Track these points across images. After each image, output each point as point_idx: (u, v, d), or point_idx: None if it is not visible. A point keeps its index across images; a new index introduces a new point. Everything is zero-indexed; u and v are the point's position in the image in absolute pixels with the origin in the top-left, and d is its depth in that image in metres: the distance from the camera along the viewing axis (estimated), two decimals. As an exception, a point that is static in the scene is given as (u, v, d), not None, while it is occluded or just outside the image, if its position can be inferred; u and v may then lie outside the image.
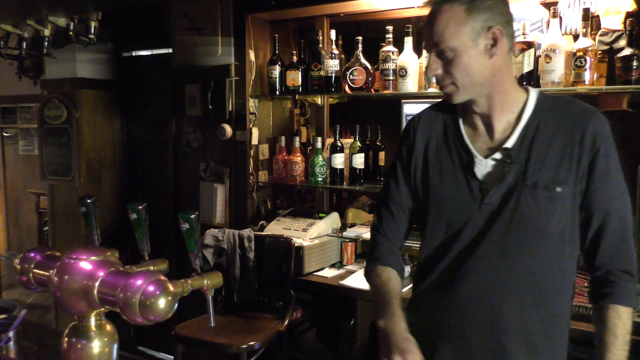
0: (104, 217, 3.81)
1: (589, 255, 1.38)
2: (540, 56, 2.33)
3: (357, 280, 2.59)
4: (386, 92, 2.74)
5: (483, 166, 1.38)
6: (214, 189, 3.30)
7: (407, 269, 2.66)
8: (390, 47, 2.71)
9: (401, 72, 2.66)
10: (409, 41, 2.67)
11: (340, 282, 2.57)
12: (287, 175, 3.05)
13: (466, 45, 1.30)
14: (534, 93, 1.40)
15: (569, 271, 1.40)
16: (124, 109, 4.27)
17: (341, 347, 2.70)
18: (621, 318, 1.31)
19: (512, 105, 1.38)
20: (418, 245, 2.65)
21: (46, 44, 2.31)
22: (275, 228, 2.94)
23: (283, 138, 3.13)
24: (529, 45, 2.34)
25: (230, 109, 3.21)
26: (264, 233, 2.90)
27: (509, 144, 1.36)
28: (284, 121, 3.45)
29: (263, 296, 2.81)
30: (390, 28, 2.71)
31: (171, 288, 1.07)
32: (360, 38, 2.79)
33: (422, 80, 2.65)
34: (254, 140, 3.21)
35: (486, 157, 1.39)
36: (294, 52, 3.06)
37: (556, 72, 2.28)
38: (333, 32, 2.89)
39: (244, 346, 2.49)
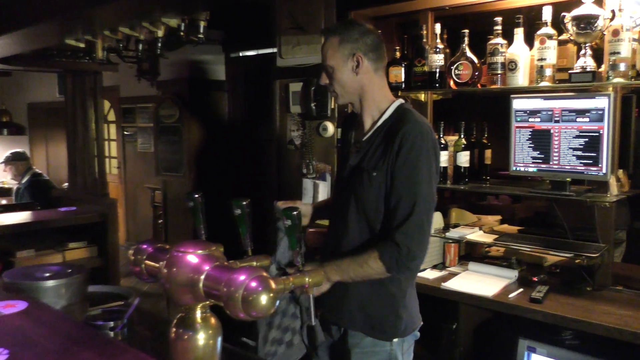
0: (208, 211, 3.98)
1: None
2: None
3: (460, 283, 2.49)
4: (494, 86, 2.61)
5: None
6: (315, 186, 3.33)
7: (515, 273, 2.52)
8: (499, 40, 2.57)
9: (510, 66, 2.52)
10: (519, 32, 2.52)
11: (443, 284, 2.48)
12: (389, 173, 3.00)
13: (339, 65, 1.78)
14: (395, 104, 1.83)
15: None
16: (231, 107, 4.44)
17: (442, 351, 2.62)
18: None
19: (375, 110, 1.83)
20: (526, 249, 2.52)
21: (159, 45, 2.44)
22: (375, 227, 2.89)
23: (385, 135, 3.08)
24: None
25: (332, 107, 3.22)
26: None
27: (364, 138, 1.83)
28: (386, 118, 3.39)
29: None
30: (499, 19, 2.58)
31: (273, 285, 1.07)
32: (466, 31, 2.68)
33: (533, 74, 2.49)
34: (356, 138, 3.19)
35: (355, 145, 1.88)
36: (397, 47, 3.01)
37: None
38: (438, 26, 2.79)
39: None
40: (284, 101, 3.55)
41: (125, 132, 7.05)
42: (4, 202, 5.78)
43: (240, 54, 4.35)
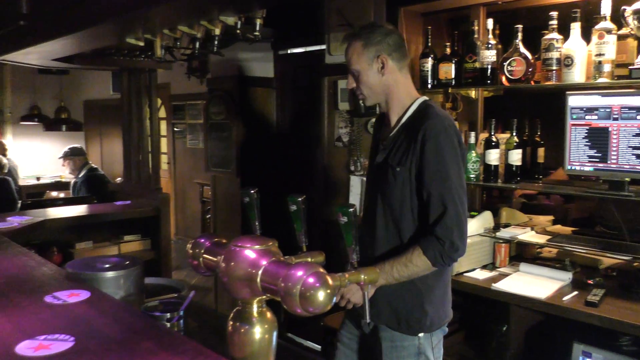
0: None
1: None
2: None
3: (512, 284, 2.44)
4: (548, 83, 2.54)
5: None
6: (363, 183, 3.33)
7: (570, 276, 2.46)
8: (554, 35, 2.51)
9: (566, 61, 2.45)
10: (575, 27, 2.45)
11: (493, 285, 2.44)
12: (438, 171, 2.96)
13: (364, 68, 1.82)
14: (419, 101, 1.86)
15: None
16: (280, 104, 4.48)
17: (491, 353, 2.58)
18: None
19: (400, 108, 1.87)
20: (581, 251, 2.45)
21: (216, 42, 2.50)
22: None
23: (434, 133, 3.04)
24: None
25: (380, 104, 3.21)
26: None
27: (390, 135, 1.87)
28: (435, 115, 3.35)
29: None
30: (554, 14, 2.51)
31: (330, 281, 1.08)
32: (520, 26, 2.62)
33: (590, 70, 2.42)
34: (404, 135, 3.17)
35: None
36: (447, 44, 2.97)
37: None
38: (490, 21, 2.74)
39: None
40: (332, 98, 3.56)
41: (175, 129, 7.22)
42: (62, 195, 6.03)
43: (289, 51, 4.38)
